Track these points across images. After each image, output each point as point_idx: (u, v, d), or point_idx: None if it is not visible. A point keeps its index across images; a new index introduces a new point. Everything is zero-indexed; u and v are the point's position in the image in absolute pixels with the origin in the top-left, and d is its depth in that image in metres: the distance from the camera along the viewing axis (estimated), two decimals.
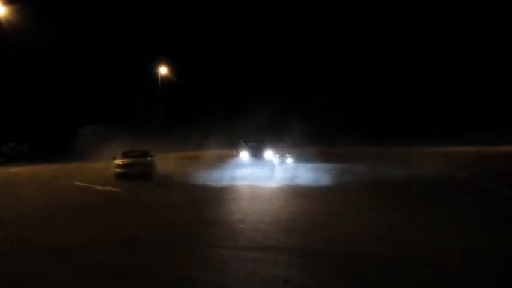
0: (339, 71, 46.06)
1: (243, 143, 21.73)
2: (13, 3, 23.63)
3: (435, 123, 41.41)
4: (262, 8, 47.05)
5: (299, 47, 49.30)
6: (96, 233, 7.78)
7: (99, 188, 14.78)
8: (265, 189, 13.66)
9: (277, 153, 21.06)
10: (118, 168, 17.02)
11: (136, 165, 17.16)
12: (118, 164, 17.13)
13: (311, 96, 41.55)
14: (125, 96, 38.75)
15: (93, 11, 44.49)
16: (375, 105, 40.88)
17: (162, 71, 38.51)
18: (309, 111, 41.43)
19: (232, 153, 22.74)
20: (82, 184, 15.91)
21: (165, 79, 39.59)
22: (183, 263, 5.90)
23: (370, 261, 5.77)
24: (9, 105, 35.12)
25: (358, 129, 36.20)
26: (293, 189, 13.27)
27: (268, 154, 20.43)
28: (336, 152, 30.67)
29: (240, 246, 6.70)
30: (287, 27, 49.83)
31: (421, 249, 6.34)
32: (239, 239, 7.10)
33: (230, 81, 46.36)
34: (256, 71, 44.91)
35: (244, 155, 20.33)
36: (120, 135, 26.63)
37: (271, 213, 9.46)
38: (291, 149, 22.85)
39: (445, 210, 9.56)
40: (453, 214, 9.03)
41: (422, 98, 45.24)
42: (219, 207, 10.48)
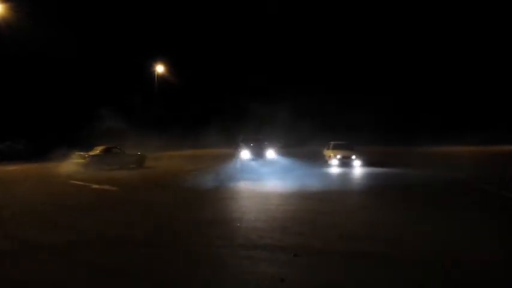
0: (337, 69, 46.04)
1: (242, 142, 20.96)
2: (9, 1, 23.47)
3: (434, 123, 41.35)
4: (261, 7, 47.01)
5: (297, 45, 49.31)
6: (93, 232, 7.70)
7: (96, 186, 14.65)
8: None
9: (277, 152, 20.53)
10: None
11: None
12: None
13: (310, 94, 41.59)
14: (124, 95, 38.63)
15: (91, 10, 44.37)
16: (373, 105, 40.84)
17: (159, 69, 38.38)
18: (308, 111, 41.55)
19: (231, 152, 22.11)
20: (78, 183, 15.80)
21: (164, 78, 39.45)
22: (179, 262, 5.86)
23: (368, 260, 5.74)
24: (6, 103, 34.90)
25: (357, 130, 36.18)
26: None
27: (270, 153, 19.86)
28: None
29: (237, 245, 6.65)
30: (286, 26, 49.80)
31: (414, 248, 6.34)
32: (236, 238, 7.04)
33: (228, 79, 46.27)
34: (254, 69, 44.86)
35: (246, 154, 19.59)
36: (120, 135, 26.49)
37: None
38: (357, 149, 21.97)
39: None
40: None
41: (423, 97, 45.28)
42: (216, 206, 10.39)
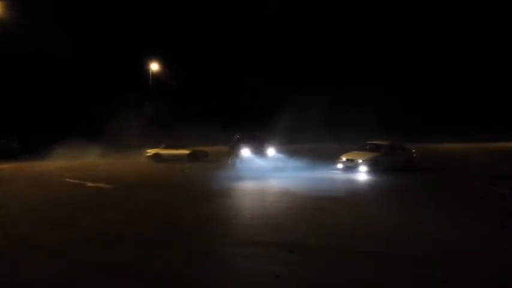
0: (336, 69, 46.01)
1: (239, 139, 19.95)
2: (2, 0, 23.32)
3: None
4: (257, 7, 46.93)
5: (295, 45, 49.27)
6: (90, 230, 7.70)
7: (91, 184, 14.63)
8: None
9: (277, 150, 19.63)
10: None
11: None
12: None
13: (309, 94, 41.62)
14: (120, 94, 38.46)
15: (87, 8, 44.06)
16: (371, 104, 40.79)
17: (154, 67, 38.24)
18: (307, 109, 41.56)
19: (228, 150, 21.02)
20: (73, 181, 15.76)
21: (161, 77, 39.29)
22: (175, 259, 5.88)
23: (359, 257, 5.84)
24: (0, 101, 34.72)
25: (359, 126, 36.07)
26: None
27: (270, 151, 19.10)
28: None
29: (232, 242, 6.69)
30: (282, 25, 49.74)
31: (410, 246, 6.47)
32: (231, 235, 7.09)
33: (226, 79, 46.07)
34: (251, 68, 44.78)
35: (246, 152, 18.62)
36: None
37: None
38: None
39: None
40: None
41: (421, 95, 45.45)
42: (212, 204, 10.41)
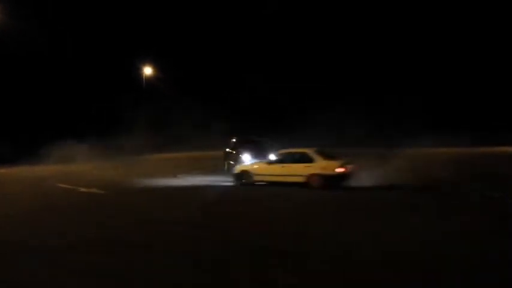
0: (335, 69, 45.96)
1: (238, 143, 18.67)
2: None
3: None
4: (257, 7, 46.91)
5: (295, 45, 49.24)
6: (81, 235, 7.59)
7: (83, 190, 14.47)
8: None
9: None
10: None
11: None
12: None
13: (308, 94, 41.64)
14: (115, 96, 38.28)
15: (83, 8, 43.89)
16: (369, 105, 40.77)
17: (148, 70, 38.14)
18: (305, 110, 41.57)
19: (223, 155, 19.63)
20: (65, 186, 15.59)
21: (160, 78, 39.21)
22: (166, 265, 5.78)
23: (350, 262, 5.76)
24: None
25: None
26: None
27: (272, 156, 17.95)
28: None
29: (225, 247, 6.62)
30: (282, 25, 49.74)
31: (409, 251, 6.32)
32: (224, 240, 7.01)
33: (226, 79, 45.89)
34: (251, 68, 44.71)
35: (247, 158, 17.31)
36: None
37: None
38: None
39: None
40: None
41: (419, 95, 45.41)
42: (205, 209, 10.30)
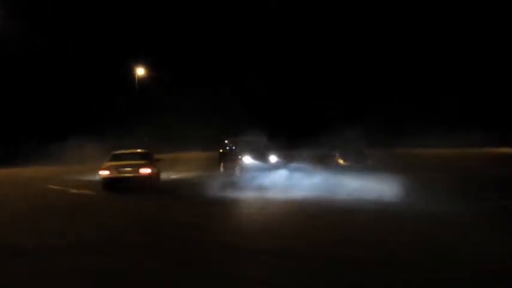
0: (335, 69, 45.70)
1: (236, 145, 17.77)
2: None
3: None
4: (257, 7, 46.63)
5: (295, 45, 48.97)
6: (73, 236, 7.37)
7: (74, 191, 14.11)
8: None
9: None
10: None
11: None
12: None
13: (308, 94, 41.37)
14: (110, 96, 37.92)
15: (83, 8, 43.61)
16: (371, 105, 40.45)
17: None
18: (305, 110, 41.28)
19: (219, 156, 19.09)
20: (57, 187, 15.25)
21: (158, 78, 38.93)
22: (161, 266, 5.55)
23: (342, 263, 5.35)
24: None
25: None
26: None
27: (272, 157, 17.18)
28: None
29: (219, 247, 6.34)
30: (282, 25, 49.44)
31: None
32: (217, 241, 6.71)
33: (226, 79, 45.54)
34: (251, 68, 44.42)
35: (248, 159, 16.42)
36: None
37: None
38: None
39: None
40: None
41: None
42: (198, 210, 9.98)
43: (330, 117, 38.91)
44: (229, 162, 17.42)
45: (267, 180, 14.38)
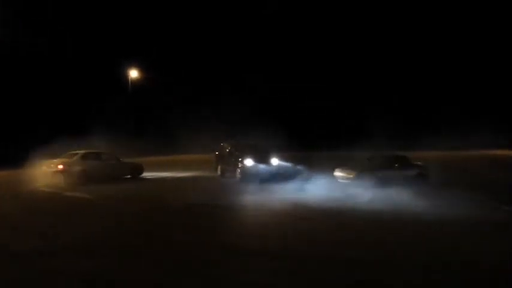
0: (335, 70, 45.54)
1: (235, 147, 17.25)
2: None
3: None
4: (257, 7, 46.54)
5: (295, 45, 48.84)
6: (66, 239, 7.33)
7: (68, 194, 13.88)
8: None
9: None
10: None
11: None
12: None
13: (308, 94, 41.32)
14: (104, 97, 37.78)
15: (83, 8, 43.42)
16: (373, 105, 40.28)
17: (133, 74, 37.50)
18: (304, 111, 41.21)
19: (215, 158, 18.40)
20: (49, 190, 15.00)
21: (158, 79, 38.77)
22: (155, 269, 5.55)
23: (339, 264, 5.51)
24: None
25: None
26: None
27: (274, 160, 16.57)
28: None
29: (213, 250, 6.37)
30: (282, 25, 49.29)
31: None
32: (211, 244, 6.74)
33: (226, 78, 45.39)
34: (251, 68, 44.30)
35: (250, 162, 15.91)
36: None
37: None
38: None
39: None
40: None
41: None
42: (192, 212, 10.00)
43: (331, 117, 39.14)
44: (228, 165, 17.00)
45: (268, 182, 14.39)
